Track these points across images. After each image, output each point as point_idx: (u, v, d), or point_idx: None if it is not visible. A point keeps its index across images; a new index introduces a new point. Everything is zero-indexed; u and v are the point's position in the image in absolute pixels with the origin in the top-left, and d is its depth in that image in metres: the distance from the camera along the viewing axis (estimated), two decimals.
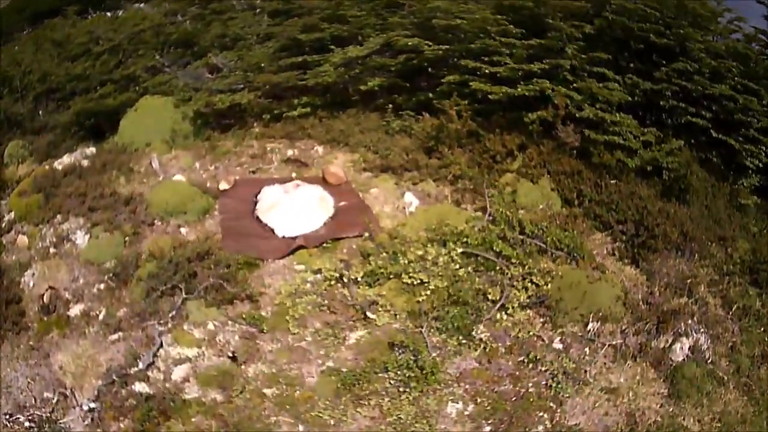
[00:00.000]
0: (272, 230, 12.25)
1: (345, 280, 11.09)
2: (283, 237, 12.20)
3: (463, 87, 13.94)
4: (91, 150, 14.73)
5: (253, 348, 10.14)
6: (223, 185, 13.28)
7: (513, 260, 10.99)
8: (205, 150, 14.81)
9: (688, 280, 10.72)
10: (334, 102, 15.77)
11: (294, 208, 12.64)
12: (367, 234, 12.07)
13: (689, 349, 9.82)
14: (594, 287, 10.34)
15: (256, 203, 12.97)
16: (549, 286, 10.52)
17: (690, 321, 10.03)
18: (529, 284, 10.66)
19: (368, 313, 10.55)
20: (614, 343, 9.99)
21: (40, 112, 16.47)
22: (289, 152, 14.72)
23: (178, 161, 14.47)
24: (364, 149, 14.61)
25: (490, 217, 12.12)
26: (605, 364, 9.78)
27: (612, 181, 12.50)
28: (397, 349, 9.88)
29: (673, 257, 11.19)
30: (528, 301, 10.53)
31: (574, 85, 12.83)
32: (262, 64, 15.72)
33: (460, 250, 11.40)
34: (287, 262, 11.75)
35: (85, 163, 14.11)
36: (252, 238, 12.02)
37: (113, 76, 16.25)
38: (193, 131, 15.27)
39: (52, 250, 11.88)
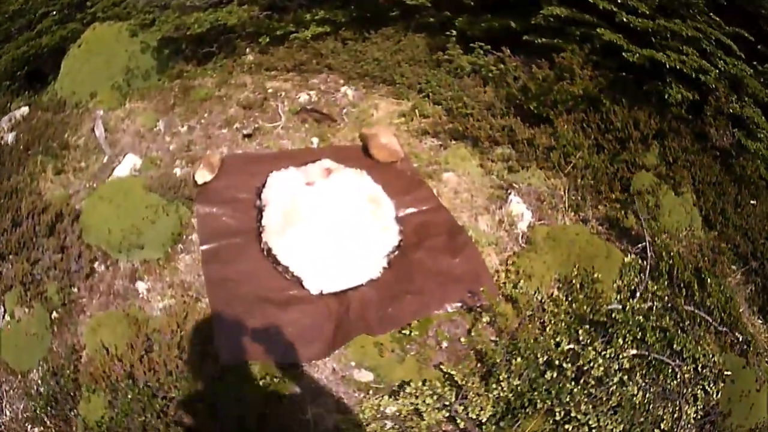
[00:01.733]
0: (298, 280, 5.49)
1: (459, 422, 4.74)
2: (320, 294, 5.49)
3: (571, 27, 7.16)
4: (23, 112, 7.80)
5: None
6: (202, 174, 6.47)
7: (685, 354, 5.16)
8: (173, 96, 7.86)
9: None
10: (363, 18, 8.61)
11: (328, 223, 5.91)
12: (477, 306, 5.50)
13: None
14: (760, 394, 5.42)
15: (260, 212, 6.14)
16: (719, 394, 5.18)
17: None
18: (699, 392, 5.14)
19: None
20: None
21: None
22: (302, 96, 7.51)
23: (133, 122, 7.47)
24: (419, 95, 7.76)
25: (650, 258, 5.79)
26: None
27: (752, 201, 6.77)
28: None
29: None
30: (695, 416, 5.09)
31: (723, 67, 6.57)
32: None
33: (633, 352, 5.07)
34: (338, 363, 5.20)
35: (10, 138, 7.29)
36: (264, 307, 5.38)
37: (54, 5, 8.83)
38: (156, 67, 8.24)
39: None
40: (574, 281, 5.60)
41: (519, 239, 6.08)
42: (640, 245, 5.88)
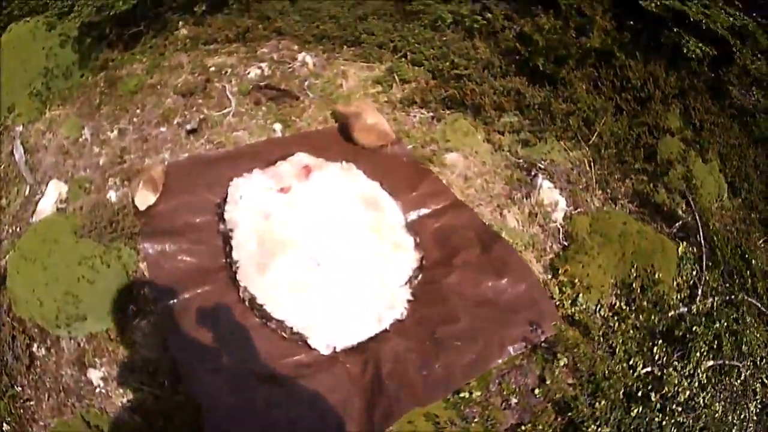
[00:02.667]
0: (301, 338, 3.45)
1: None
2: (333, 353, 3.29)
3: None
4: None
5: None
6: (143, 197, 4.43)
7: (751, 354, 3.89)
8: (99, 93, 5.68)
9: None
10: None
11: (319, 245, 4.14)
12: (542, 342, 3.82)
13: None
14: None
15: (228, 240, 4.20)
16: None
17: None
18: (758, 385, 3.93)
19: None
20: None
21: None
22: (252, 72, 5.55)
23: (55, 134, 5.32)
24: (393, 55, 5.67)
25: (704, 247, 4.32)
26: None
27: None
28: None
29: None
30: (756, 411, 3.83)
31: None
32: None
33: (710, 363, 3.76)
34: None
35: None
36: (264, 387, 3.52)
37: None
38: (78, 61, 5.90)
39: None
40: (634, 285, 4.14)
41: (558, 235, 4.31)
42: (677, 224, 4.56)
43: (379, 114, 4.98)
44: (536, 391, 3.63)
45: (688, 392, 3.56)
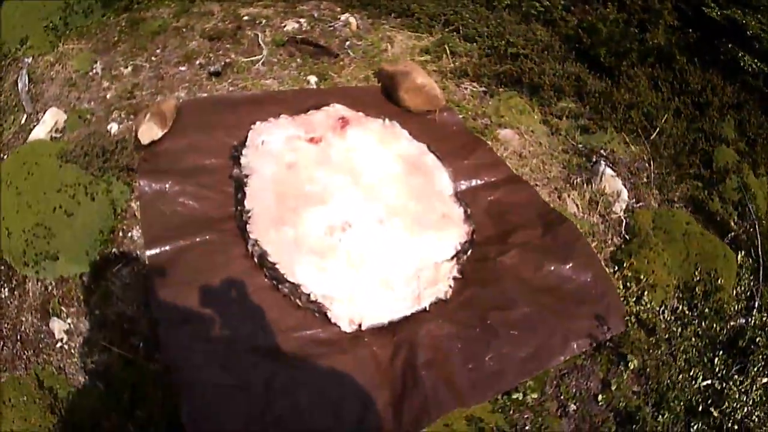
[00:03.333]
0: (319, 309, 2.03)
1: None
2: (358, 331, 2.04)
3: None
4: None
5: None
6: (149, 129, 3.48)
7: None
8: (118, 31, 4.70)
9: None
10: None
11: (351, 205, 3.07)
12: (608, 340, 2.83)
13: None
14: None
15: (241, 187, 3.14)
16: None
17: None
18: None
19: None
20: None
21: None
22: (289, 25, 4.54)
23: (64, 66, 4.32)
24: (444, 28, 4.65)
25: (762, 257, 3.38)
26: None
27: None
28: None
29: None
30: None
31: None
32: None
33: (765, 380, 2.82)
34: None
35: None
36: (265, 366, 2.35)
37: None
38: (101, 1, 4.66)
39: None
40: (696, 289, 3.34)
41: (619, 228, 3.40)
42: (729, 236, 3.75)
43: (428, 76, 3.99)
44: (600, 397, 2.70)
45: (745, 409, 2.95)
